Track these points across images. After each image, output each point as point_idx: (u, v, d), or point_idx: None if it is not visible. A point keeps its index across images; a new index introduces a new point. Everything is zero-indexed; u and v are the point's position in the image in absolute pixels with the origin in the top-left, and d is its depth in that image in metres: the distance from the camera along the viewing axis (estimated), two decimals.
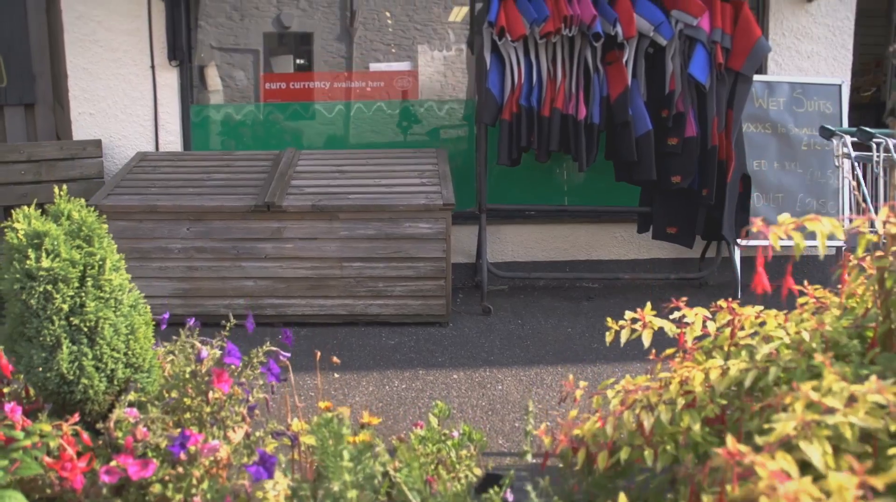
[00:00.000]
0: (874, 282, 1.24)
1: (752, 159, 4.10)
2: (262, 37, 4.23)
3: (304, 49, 4.15)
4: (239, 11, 4.16)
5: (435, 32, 4.06)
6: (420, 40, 3.99)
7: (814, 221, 1.05)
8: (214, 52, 4.22)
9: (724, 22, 3.57)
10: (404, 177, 3.68)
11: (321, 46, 4.10)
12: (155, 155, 3.94)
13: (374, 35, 3.97)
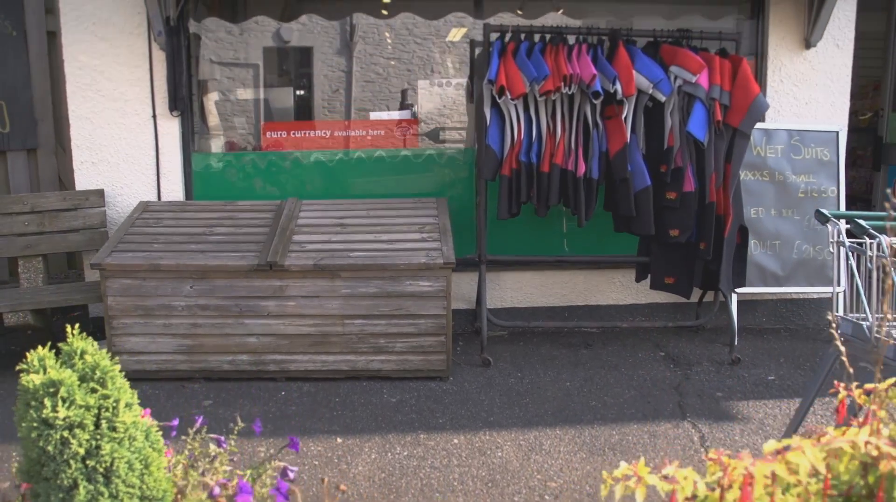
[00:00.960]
0: None
1: (750, 207, 4.14)
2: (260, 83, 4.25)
3: (304, 97, 4.18)
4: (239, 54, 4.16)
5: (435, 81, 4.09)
6: (420, 89, 4.02)
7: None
8: (216, 101, 4.25)
9: (723, 78, 3.60)
10: (405, 231, 3.72)
11: (320, 97, 4.13)
12: (157, 204, 3.97)
13: (375, 85, 4.01)
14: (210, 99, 4.39)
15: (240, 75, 4.41)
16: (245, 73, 4.36)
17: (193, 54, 4.14)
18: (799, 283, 4.17)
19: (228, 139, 4.34)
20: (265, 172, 4.14)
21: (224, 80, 4.53)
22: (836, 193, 4.21)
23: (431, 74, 4.75)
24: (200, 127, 4.28)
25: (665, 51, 3.72)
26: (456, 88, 4.45)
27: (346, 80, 4.55)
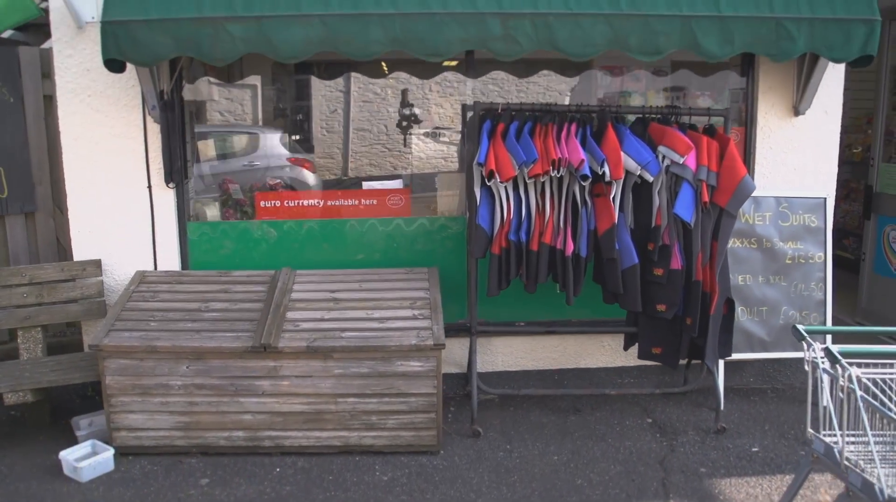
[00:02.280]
0: None
1: (738, 274, 4.20)
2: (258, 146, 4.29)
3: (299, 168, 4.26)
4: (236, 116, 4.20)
5: (426, 148, 4.14)
6: (412, 158, 4.08)
7: None
8: (211, 168, 4.32)
9: (710, 159, 3.64)
10: (396, 307, 3.78)
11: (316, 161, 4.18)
12: (154, 275, 4.04)
13: (369, 156, 4.06)
14: (206, 166, 4.45)
15: (237, 142, 4.47)
16: (240, 139, 4.41)
17: (189, 122, 4.19)
18: (785, 348, 4.24)
19: (224, 206, 4.40)
20: (259, 241, 4.20)
21: (220, 146, 4.59)
22: (823, 259, 4.26)
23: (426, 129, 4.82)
24: (197, 194, 4.34)
25: (654, 129, 3.76)
26: (448, 156, 4.51)
27: (344, 142, 4.63)
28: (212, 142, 5.27)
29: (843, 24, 3.58)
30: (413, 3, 3.36)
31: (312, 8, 3.34)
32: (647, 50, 3.48)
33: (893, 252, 5.32)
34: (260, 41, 3.35)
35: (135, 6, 3.34)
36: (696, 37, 3.48)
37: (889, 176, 5.41)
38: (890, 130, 5.55)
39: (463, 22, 3.36)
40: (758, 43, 3.54)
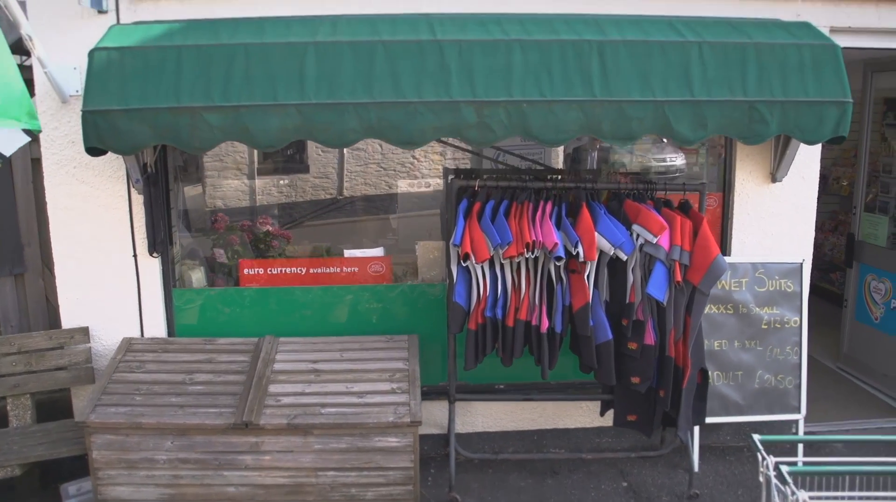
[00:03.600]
0: None
1: (714, 340, 4.27)
2: None
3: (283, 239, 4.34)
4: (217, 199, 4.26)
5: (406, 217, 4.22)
6: (393, 227, 4.16)
7: None
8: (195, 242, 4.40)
9: (684, 238, 3.69)
10: (376, 380, 3.86)
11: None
12: (140, 343, 4.12)
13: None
14: (192, 235, 4.52)
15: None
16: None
17: (175, 185, 4.26)
18: (760, 412, 4.31)
19: (210, 273, 4.47)
20: (243, 307, 4.28)
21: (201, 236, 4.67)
22: (799, 324, 4.32)
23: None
24: (182, 260, 4.41)
25: (629, 206, 3.81)
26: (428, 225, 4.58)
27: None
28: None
29: (816, 106, 3.61)
30: (388, 92, 3.40)
31: (289, 98, 3.39)
32: (620, 135, 3.52)
33: (874, 302, 5.37)
34: (237, 130, 3.40)
35: (114, 95, 3.39)
36: (670, 121, 3.51)
37: (871, 225, 5.45)
38: (875, 169, 5.58)
39: (437, 111, 3.40)
40: (731, 126, 3.58)
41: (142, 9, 3.96)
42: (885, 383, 5.27)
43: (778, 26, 3.85)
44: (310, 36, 3.52)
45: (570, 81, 3.48)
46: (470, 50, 3.49)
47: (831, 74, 3.65)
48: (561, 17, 3.82)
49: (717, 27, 3.78)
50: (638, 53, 3.55)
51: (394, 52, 3.47)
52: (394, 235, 5.71)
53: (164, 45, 3.48)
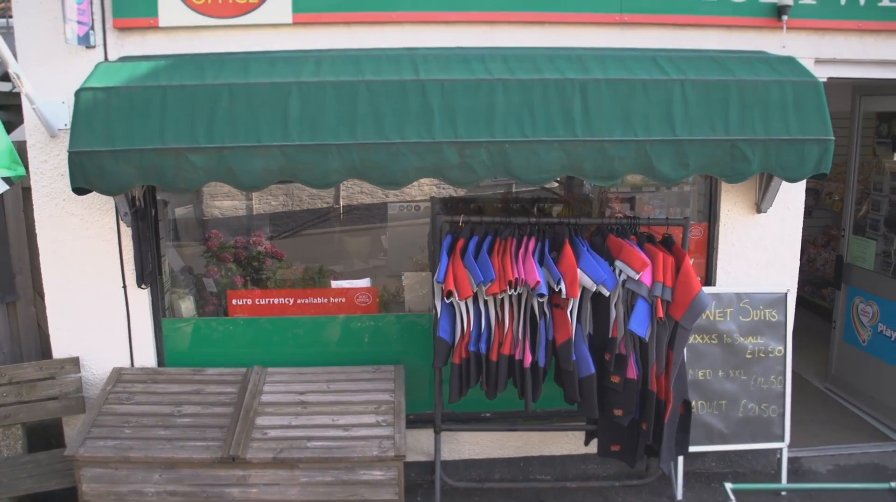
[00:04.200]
0: None
1: (698, 369, 4.30)
2: None
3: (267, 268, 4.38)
4: None
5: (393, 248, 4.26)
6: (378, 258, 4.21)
7: None
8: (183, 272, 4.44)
9: (666, 275, 3.72)
10: (361, 412, 3.91)
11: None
12: (130, 373, 4.17)
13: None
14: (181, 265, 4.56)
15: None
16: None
17: (163, 218, 4.30)
18: (744, 440, 4.35)
19: (199, 302, 4.52)
20: (232, 337, 4.32)
21: (196, 245, 4.71)
22: (783, 353, 4.35)
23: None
24: (172, 288, 4.45)
25: (612, 242, 3.84)
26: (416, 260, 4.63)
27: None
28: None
29: (798, 144, 3.63)
30: (370, 133, 3.43)
31: (272, 139, 3.42)
32: (602, 175, 3.54)
33: (862, 325, 5.39)
34: (222, 171, 3.43)
35: (100, 136, 3.42)
36: (651, 161, 3.53)
37: (859, 248, 5.47)
38: (866, 186, 5.59)
39: (420, 152, 3.43)
40: (713, 165, 3.60)
41: (129, 43, 3.99)
42: (872, 406, 5.31)
43: (762, 61, 3.87)
44: (294, 76, 3.55)
45: (552, 121, 3.50)
46: (452, 89, 3.51)
47: (813, 112, 3.67)
48: (545, 52, 3.83)
49: (700, 63, 3.79)
50: (620, 92, 3.57)
51: (377, 92, 3.49)
52: (384, 255, 5.74)
53: (149, 85, 3.51)
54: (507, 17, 4.01)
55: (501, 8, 3.99)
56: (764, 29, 4.18)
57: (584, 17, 4.04)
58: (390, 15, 3.96)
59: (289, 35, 3.98)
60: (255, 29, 3.97)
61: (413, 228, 5.75)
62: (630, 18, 4.07)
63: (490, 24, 4.03)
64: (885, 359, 5.16)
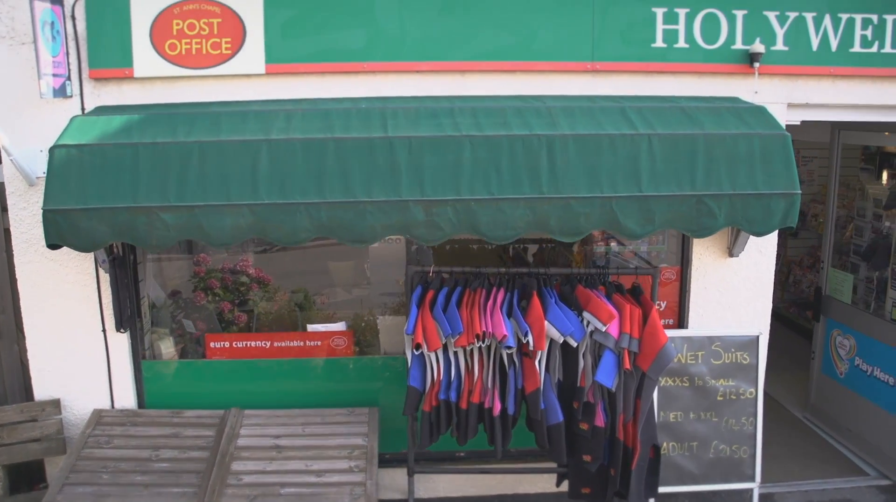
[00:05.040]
0: None
1: (669, 411, 4.35)
2: None
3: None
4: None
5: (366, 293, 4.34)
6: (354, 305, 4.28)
7: None
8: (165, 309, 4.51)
9: (633, 326, 3.76)
10: (335, 457, 3.98)
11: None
12: (110, 415, 4.25)
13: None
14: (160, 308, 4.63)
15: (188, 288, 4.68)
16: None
17: (143, 260, 4.36)
18: (714, 481, 4.40)
19: (179, 344, 4.59)
20: (210, 379, 4.40)
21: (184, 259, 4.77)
22: (755, 395, 4.39)
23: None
24: (153, 328, 4.53)
25: (580, 292, 3.88)
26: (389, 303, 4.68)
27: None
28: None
29: (764, 199, 3.65)
30: (338, 192, 3.48)
31: (242, 198, 3.47)
32: (568, 231, 3.58)
33: (840, 357, 5.43)
34: (193, 229, 3.49)
35: (74, 194, 3.48)
36: (617, 217, 3.57)
37: (837, 281, 5.49)
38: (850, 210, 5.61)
39: (387, 210, 3.47)
40: (679, 220, 3.63)
41: (105, 93, 4.04)
42: (849, 439, 5.35)
43: (731, 112, 3.88)
44: (263, 132, 3.59)
45: (519, 178, 3.53)
46: (420, 147, 3.55)
47: (781, 166, 3.69)
48: (514, 105, 3.86)
49: (669, 116, 3.81)
50: (587, 147, 3.60)
51: (345, 149, 3.54)
52: (368, 283, 5.80)
53: (121, 143, 3.56)
54: (478, 66, 4.05)
55: (473, 58, 4.03)
56: (736, 75, 4.20)
57: (556, 65, 4.07)
58: (362, 65, 4.00)
59: (262, 85, 4.03)
60: (230, 79, 4.02)
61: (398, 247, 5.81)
62: (602, 66, 4.09)
63: (462, 72, 4.07)
64: (861, 393, 5.20)
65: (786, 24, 4.16)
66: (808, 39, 4.19)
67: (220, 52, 3.96)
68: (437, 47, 4.01)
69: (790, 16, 4.15)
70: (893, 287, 5.02)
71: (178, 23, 3.93)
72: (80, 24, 3.94)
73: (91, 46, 3.95)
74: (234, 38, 3.95)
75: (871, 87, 4.31)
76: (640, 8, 4.07)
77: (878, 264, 5.22)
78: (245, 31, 3.94)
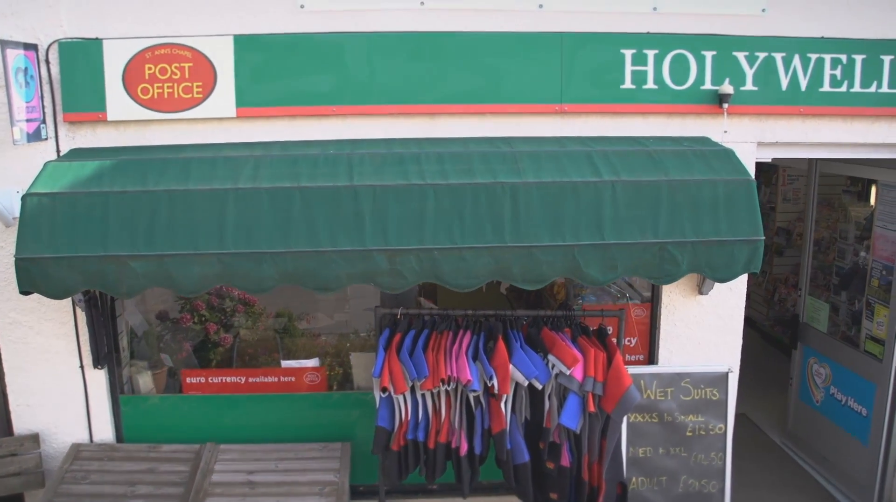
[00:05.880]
0: None
1: (638, 447, 4.40)
2: None
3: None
4: None
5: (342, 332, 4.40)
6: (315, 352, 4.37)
7: None
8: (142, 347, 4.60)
9: (597, 370, 3.81)
10: (306, 494, 4.05)
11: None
12: (87, 450, 4.33)
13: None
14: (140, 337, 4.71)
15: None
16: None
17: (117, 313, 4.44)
18: None
19: (156, 379, 4.67)
20: (186, 414, 4.47)
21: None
22: (724, 430, 4.44)
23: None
24: (131, 361, 4.60)
25: (546, 335, 3.93)
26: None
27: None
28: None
29: (727, 245, 3.68)
30: (303, 241, 3.53)
31: (209, 247, 3.52)
32: (530, 279, 3.62)
33: (816, 385, 5.46)
34: (161, 277, 3.55)
35: (45, 243, 3.54)
36: (580, 264, 3.60)
37: (814, 309, 5.52)
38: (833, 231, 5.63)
39: (351, 259, 3.52)
40: (641, 267, 3.66)
41: (80, 136, 4.10)
42: (825, 467, 5.39)
43: (698, 157, 3.90)
44: (231, 181, 3.64)
45: (482, 227, 3.57)
46: (384, 196, 3.59)
47: (744, 212, 3.72)
48: (482, 148, 3.89)
49: (635, 161, 3.83)
50: (550, 196, 3.63)
51: (310, 198, 3.59)
52: (348, 307, 5.86)
53: (92, 191, 3.62)
54: (447, 108, 4.08)
55: (442, 101, 4.06)
56: (706, 115, 4.22)
57: (525, 107, 4.11)
58: (332, 108, 4.05)
59: (234, 128, 4.08)
60: (202, 122, 4.07)
61: None
62: (570, 108, 4.12)
63: (431, 115, 4.10)
64: (836, 422, 5.24)
65: (755, 65, 4.17)
66: (777, 79, 4.20)
67: (192, 95, 4.01)
68: (407, 90, 4.04)
69: (759, 56, 4.17)
70: (868, 317, 5.05)
71: (151, 67, 3.99)
72: (53, 67, 4.00)
73: (65, 91, 4.00)
74: (206, 82, 4.00)
75: (841, 125, 4.32)
76: (608, 50, 4.09)
77: (854, 293, 5.24)
78: (216, 75, 3.99)
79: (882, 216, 4.95)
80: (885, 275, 4.90)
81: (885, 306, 4.84)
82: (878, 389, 4.84)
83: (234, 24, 3.99)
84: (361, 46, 4.01)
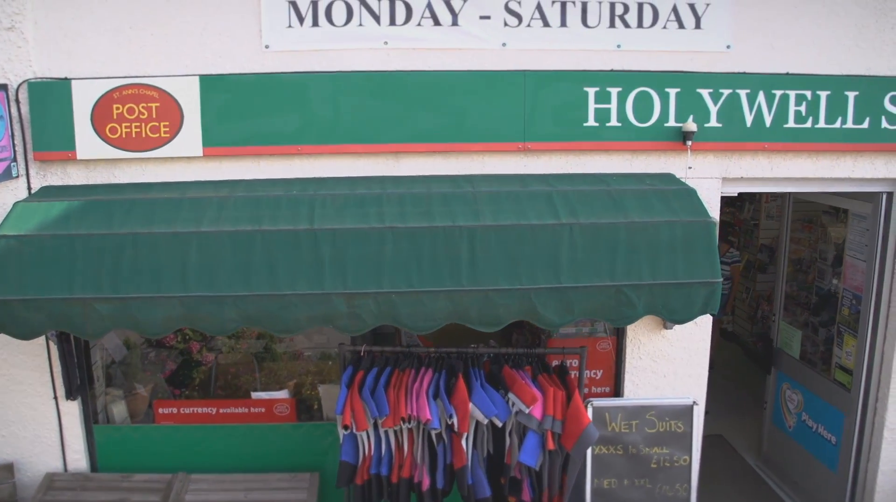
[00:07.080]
0: None
1: (603, 479, 4.45)
2: None
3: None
4: None
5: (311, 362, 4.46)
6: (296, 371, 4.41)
7: None
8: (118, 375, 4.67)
9: (556, 408, 3.86)
10: None
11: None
12: (61, 479, 4.42)
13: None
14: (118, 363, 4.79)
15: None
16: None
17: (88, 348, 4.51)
18: None
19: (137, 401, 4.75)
20: (159, 444, 4.55)
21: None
22: (689, 462, 4.48)
23: None
24: (106, 389, 4.69)
25: (507, 373, 3.98)
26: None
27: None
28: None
29: (684, 288, 3.71)
30: (264, 284, 3.58)
31: (172, 290, 3.58)
32: (487, 321, 3.67)
33: (789, 411, 5.49)
34: (125, 319, 3.62)
35: (12, 285, 3.61)
36: (536, 307, 3.64)
37: (788, 335, 5.54)
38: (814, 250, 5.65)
39: (310, 302, 3.58)
40: (598, 310, 3.70)
41: (51, 173, 4.17)
42: (796, 491, 5.43)
43: (658, 197, 3.92)
44: (195, 223, 3.70)
45: (439, 271, 3.62)
46: (344, 239, 3.64)
47: (702, 254, 3.74)
48: (444, 188, 3.93)
49: (595, 200, 3.86)
50: (508, 239, 3.67)
51: (271, 242, 3.64)
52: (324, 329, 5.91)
53: (59, 234, 3.69)
54: (411, 147, 4.13)
55: (405, 139, 4.11)
56: (670, 152, 4.25)
57: (488, 146, 4.15)
58: (297, 148, 4.10)
59: (201, 167, 4.14)
60: (169, 161, 4.14)
61: None
62: (534, 146, 4.16)
63: (395, 153, 4.15)
64: (807, 448, 5.27)
65: (720, 101, 4.19)
66: (742, 115, 4.22)
67: (160, 135, 4.07)
68: (370, 129, 4.09)
69: (724, 93, 4.19)
70: (838, 345, 5.07)
71: (119, 107, 4.05)
72: (24, 106, 4.07)
73: (35, 130, 4.07)
74: (173, 122, 4.06)
75: (806, 160, 4.34)
76: (571, 88, 4.12)
77: (827, 320, 5.27)
78: (183, 115, 4.05)
79: (851, 246, 4.97)
80: (854, 304, 4.92)
81: (853, 336, 4.86)
82: (846, 419, 4.87)
83: (200, 65, 4.05)
84: (326, 86, 4.06)
